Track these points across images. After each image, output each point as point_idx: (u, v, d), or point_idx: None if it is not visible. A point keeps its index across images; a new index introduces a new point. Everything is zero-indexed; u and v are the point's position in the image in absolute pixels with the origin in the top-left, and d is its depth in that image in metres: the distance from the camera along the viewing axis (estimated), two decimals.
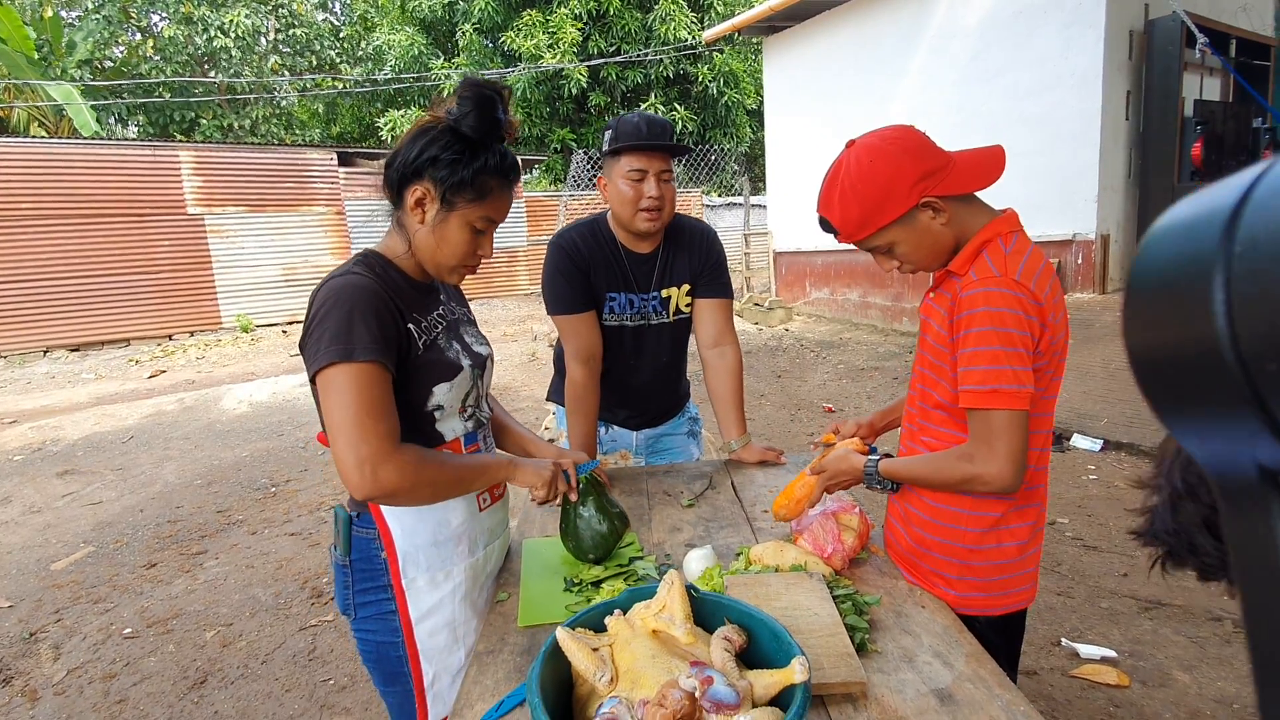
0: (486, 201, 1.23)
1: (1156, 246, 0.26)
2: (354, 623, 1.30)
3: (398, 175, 1.22)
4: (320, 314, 1.14)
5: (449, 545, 1.30)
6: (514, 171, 1.26)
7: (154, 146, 10.47)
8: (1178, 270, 0.24)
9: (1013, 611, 1.28)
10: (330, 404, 1.11)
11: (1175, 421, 0.26)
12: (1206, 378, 0.23)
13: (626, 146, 1.73)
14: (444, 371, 1.25)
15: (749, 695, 0.79)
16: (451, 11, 14.89)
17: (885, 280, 8.14)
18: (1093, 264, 6.15)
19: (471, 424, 1.34)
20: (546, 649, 0.88)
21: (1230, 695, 2.17)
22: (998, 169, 1.19)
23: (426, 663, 1.28)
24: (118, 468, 5.20)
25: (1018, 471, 1.12)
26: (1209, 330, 0.22)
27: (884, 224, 1.19)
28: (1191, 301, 0.23)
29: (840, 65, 8.25)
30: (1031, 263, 1.16)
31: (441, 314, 1.32)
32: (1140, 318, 0.26)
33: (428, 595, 1.27)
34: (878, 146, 1.18)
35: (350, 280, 1.16)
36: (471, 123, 1.19)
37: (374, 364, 1.12)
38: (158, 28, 17.12)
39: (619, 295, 1.90)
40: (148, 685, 2.60)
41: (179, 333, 10.75)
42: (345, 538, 1.27)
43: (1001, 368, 1.10)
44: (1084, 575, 2.92)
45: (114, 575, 3.50)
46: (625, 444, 2.12)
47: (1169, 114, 5.92)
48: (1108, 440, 4.24)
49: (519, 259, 13.99)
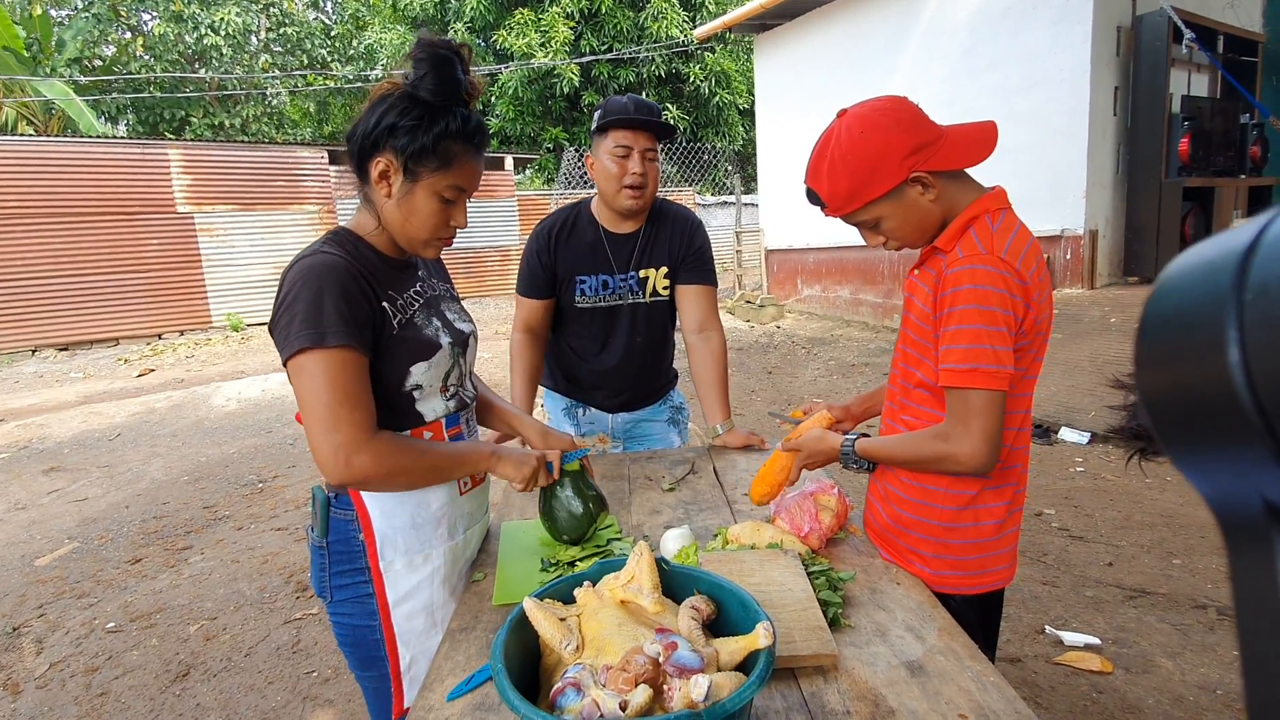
0: (452, 169, 1.18)
1: (1168, 294, 0.26)
2: (330, 605, 1.27)
3: (358, 148, 1.18)
4: (289, 296, 1.11)
5: (428, 528, 1.28)
6: (479, 135, 1.20)
7: (143, 145, 10.40)
8: (1190, 318, 0.25)
9: (990, 591, 1.27)
10: (303, 390, 1.10)
11: (1186, 462, 0.26)
12: (1223, 424, 0.23)
13: (613, 122, 1.78)
14: (421, 350, 1.23)
15: (714, 661, 0.79)
16: (443, 10, 14.87)
17: (876, 277, 8.16)
18: (1081, 259, 6.17)
19: (454, 404, 1.31)
20: (513, 619, 0.87)
21: (1213, 681, 2.18)
22: (989, 145, 1.16)
23: (404, 646, 1.27)
24: (104, 465, 5.17)
25: (992, 452, 1.11)
26: (1225, 378, 0.22)
27: (873, 198, 1.16)
28: (1205, 349, 0.23)
29: (831, 62, 8.27)
30: (1018, 241, 1.14)
31: (419, 291, 1.29)
32: (1154, 364, 0.27)
33: (405, 578, 1.25)
34: (870, 117, 1.15)
35: (320, 260, 1.13)
36: (429, 85, 1.13)
37: (346, 348, 1.09)
38: (147, 26, 17.04)
39: (590, 278, 1.94)
40: (130, 679, 2.58)
41: (168, 332, 10.68)
42: (323, 519, 1.24)
43: (982, 347, 1.08)
44: (1069, 565, 2.93)
45: (98, 570, 3.47)
46: (602, 426, 2.13)
47: (1156, 110, 5.94)
48: (1095, 433, 4.26)
49: (511, 257, 13.96)
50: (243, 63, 17.46)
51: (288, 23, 18.05)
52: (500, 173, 13.68)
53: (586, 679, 0.76)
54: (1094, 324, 5.50)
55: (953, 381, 1.11)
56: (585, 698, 0.74)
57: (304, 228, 11.53)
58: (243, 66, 17.43)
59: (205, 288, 10.86)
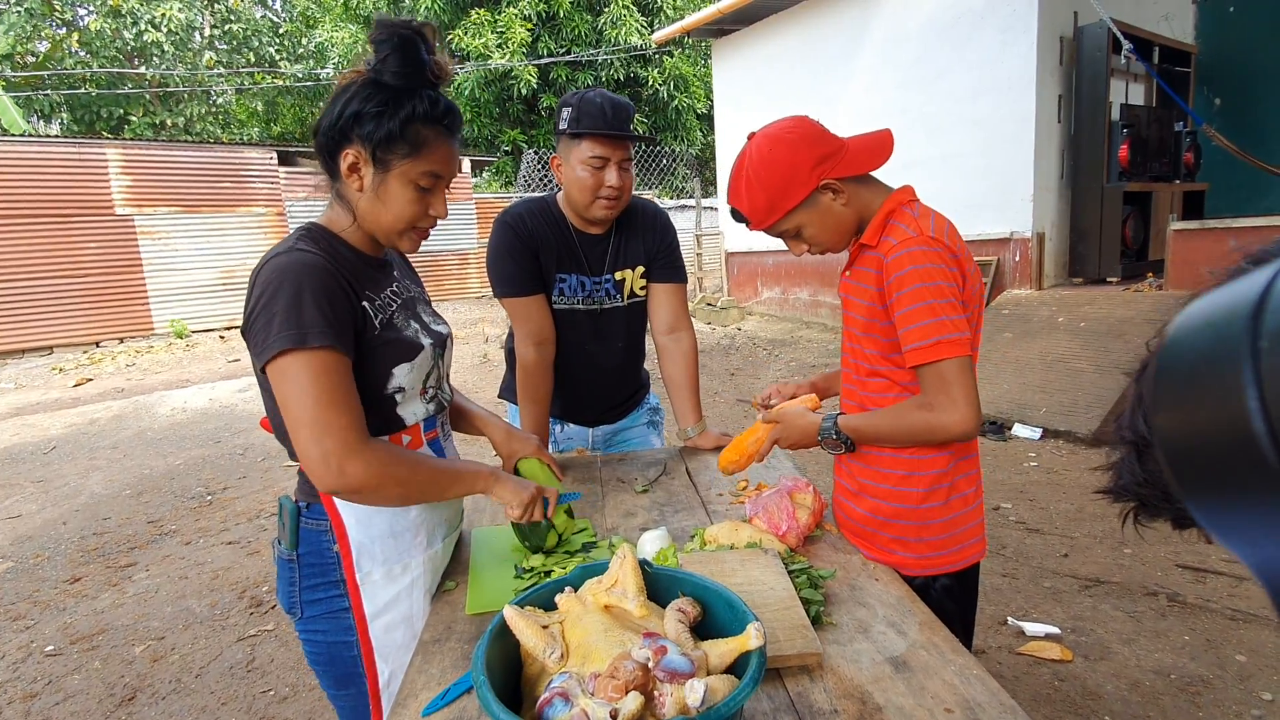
0: (424, 154, 1.12)
1: (1183, 341, 0.26)
2: (300, 622, 1.20)
3: (326, 141, 1.12)
4: (265, 296, 1.04)
5: (407, 536, 1.22)
6: (450, 117, 1.15)
7: (79, 144, 9.93)
8: (1206, 369, 0.24)
9: (969, 566, 1.31)
10: (286, 396, 1.03)
11: (1213, 518, 0.25)
12: (1247, 477, 0.23)
13: (589, 132, 1.65)
14: (404, 351, 1.18)
15: (704, 664, 0.77)
16: (397, 9, 14.60)
17: (834, 279, 8.28)
18: (1029, 261, 6.38)
19: (433, 406, 1.27)
20: (493, 628, 0.84)
21: (1167, 666, 2.25)
22: (887, 149, 1.27)
23: (382, 661, 1.20)
24: (38, 479, 4.90)
25: (977, 414, 1.16)
26: (1245, 428, 0.22)
27: (789, 208, 1.25)
28: (1223, 397, 0.23)
29: (787, 67, 8.38)
30: (939, 222, 1.22)
31: (396, 291, 1.24)
32: (1171, 411, 0.26)
33: (384, 590, 1.20)
34: (777, 135, 1.24)
35: (296, 258, 1.07)
36: (393, 68, 1.08)
37: (330, 350, 1.04)
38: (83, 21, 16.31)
39: (569, 277, 1.82)
40: (72, 704, 2.44)
41: (107, 339, 10.21)
42: (292, 530, 1.17)
43: (941, 319, 1.14)
44: (1027, 557, 3.00)
45: (35, 591, 3.28)
46: (580, 441, 2.04)
47: (1098, 118, 6.18)
48: (1046, 429, 4.39)
49: (470, 261, 13.76)
50: (186, 60, 16.84)
51: (233, 19, 17.49)
52: (457, 175, 13.47)
53: (574, 688, 0.73)
54: (1043, 323, 5.68)
55: (922, 359, 1.16)
56: (574, 708, 0.71)
57: (252, 230, 11.16)
58: (185, 64, 16.81)
59: (147, 293, 10.41)
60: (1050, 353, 5.23)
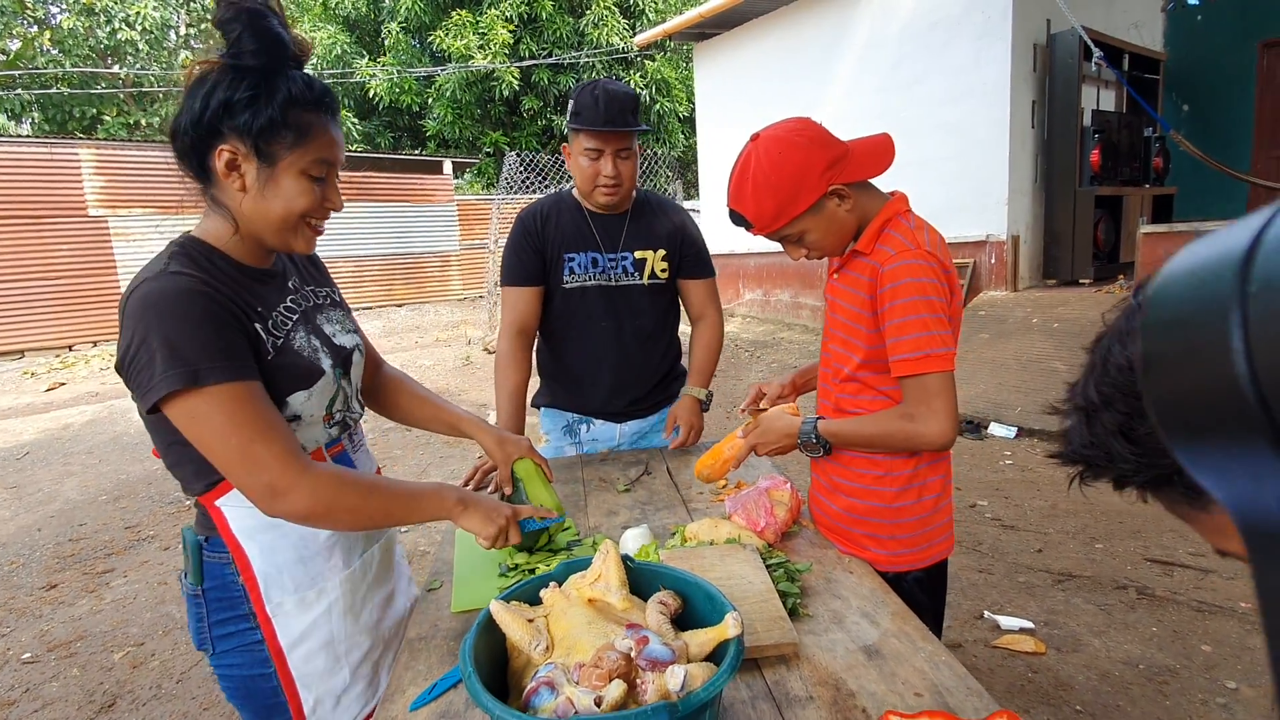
0: (311, 141, 1.01)
1: (1171, 289, 0.26)
2: (213, 658, 1.12)
3: (191, 141, 0.99)
4: (140, 331, 0.93)
5: (318, 560, 1.13)
6: (328, 98, 1.04)
7: (51, 144, 9.77)
8: (1194, 313, 0.24)
9: (937, 563, 1.36)
10: (201, 437, 0.95)
11: (1194, 459, 0.26)
12: (1228, 418, 0.23)
13: (583, 127, 1.76)
14: (299, 378, 1.08)
15: (684, 653, 0.80)
16: (377, 9, 14.53)
17: (815, 281, 8.37)
18: (1005, 263, 6.50)
19: (336, 430, 1.18)
20: (480, 622, 0.86)
21: (1136, 657, 2.32)
22: (889, 155, 1.26)
23: (305, 690, 1.13)
24: (11, 485, 4.82)
25: (955, 427, 1.19)
26: (1229, 372, 0.22)
27: (797, 213, 1.23)
28: (1210, 344, 0.23)
29: (768, 72, 8.46)
30: (933, 235, 1.25)
31: (292, 304, 1.12)
32: (1158, 360, 0.26)
33: (298, 619, 1.12)
34: (785, 138, 1.21)
35: (170, 283, 0.95)
36: (250, 47, 0.96)
37: (231, 383, 0.95)
38: (55, 19, 16.02)
39: (579, 255, 1.89)
40: (50, 711, 2.41)
41: (80, 343, 10.04)
42: (195, 565, 1.09)
43: (930, 334, 1.17)
44: (1003, 553, 3.07)
45: (9, 599, 3.23)
46: (608, 441, 2.02)
47: (1070, 123, 6.32)
48: (1021, 428, 4.48)
49: (451, 263, 13.71)
50: (160, 59, 16.60)
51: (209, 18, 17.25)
52: (439, 177, 13.43)
53: (559, 678, 0.76)
54: (1018, 324, 5.79)
55: (909, 370, 1.19)
56: (559, 696, 0.73)
57: None
58: (160, 63, 16.57)
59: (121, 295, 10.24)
60: (1025, 353, 5.33)
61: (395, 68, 14.05)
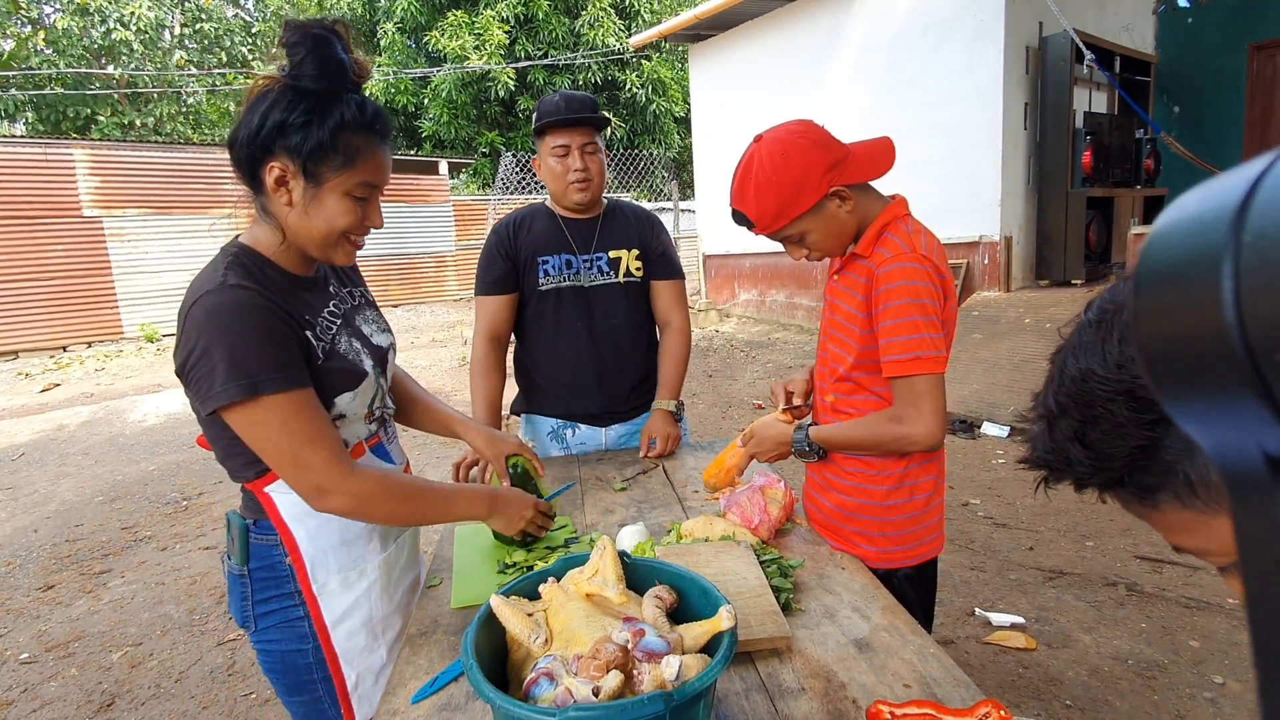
0: (358, 165, 1.06)
1: (1165, 237, 0.26)
2: (254, 634, 1.20)
3: (246, 154, 1.05)
4: (202, 342, 1.00)
5: (359, 543, 1.22)
6: (379, 122, 1.09)
7: (45, 144, 9.75)
8: (1186, 260, 0.24)
9: (926, 560, 1.38)
10: (257, 441, 1.03)
11: (1181, 409, 0.26)
12: (1214, 367, 0.23)
13: (548, 124, 1.82)
14: (347, 380, 1.15)
15: (679, 645, 0.82)
16: (372, 10, 14.53)
17: (810, 282, 8.41)
18: (998, 264, 6.54)
19: (375, 425, 1.27)
20: (481, 616, 0.88)
21: (1125, 652, 2.36)
22: (890, 158, 1.28)
23: (348, 666, 1.21)
24: (7, 487, 4.81)
25: (942, 429, 1.22)
26: (1217, 320, 0.22)
27: (799, 214, 1.25)
28: (1200, 291, 0.23)
29: (763, 73, 8.50)
30: (930, 241, 1.27)
31: (334, 309, 1.19)
32: (1148, 307, 0.26)
33: (342, 597, 1.20)
34: (788, 139, 1.24)
35: (230, 297, 1.02)
36: (310, 71, 1.00)
37: (288, 393, 1.02)
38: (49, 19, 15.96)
39: (553, 257, 1.93)
40: (48, 711, 2.43)
41: (75, 343, 10.02)
42: (242, 546, 1.16)
43: (921, 336, 1.19)
44: (994, 551, 3.11)
45: (7, 600, 3.24)
46: (594, 446, 2.04)
47: (1061, 125, 6.37)
48: (1014, 427, 4.52)
49: (447, 263, 13.72)
50: (155, 59, 16.56)
51: (204, 18, 17.22)
52: (435, 178, 13.43)
53: (558, 669, 0.78)
54: (1011, 324, 5.84)
55: (899, 371, 1.21)
56: (558, 687, 0.76)
57: (226, 233, 11.01)
58: (155, 63, 16.52)
59: (116, 296, 10.23)
60: (1018, 353, 5.38)
61: (391, 68, 14.05)
